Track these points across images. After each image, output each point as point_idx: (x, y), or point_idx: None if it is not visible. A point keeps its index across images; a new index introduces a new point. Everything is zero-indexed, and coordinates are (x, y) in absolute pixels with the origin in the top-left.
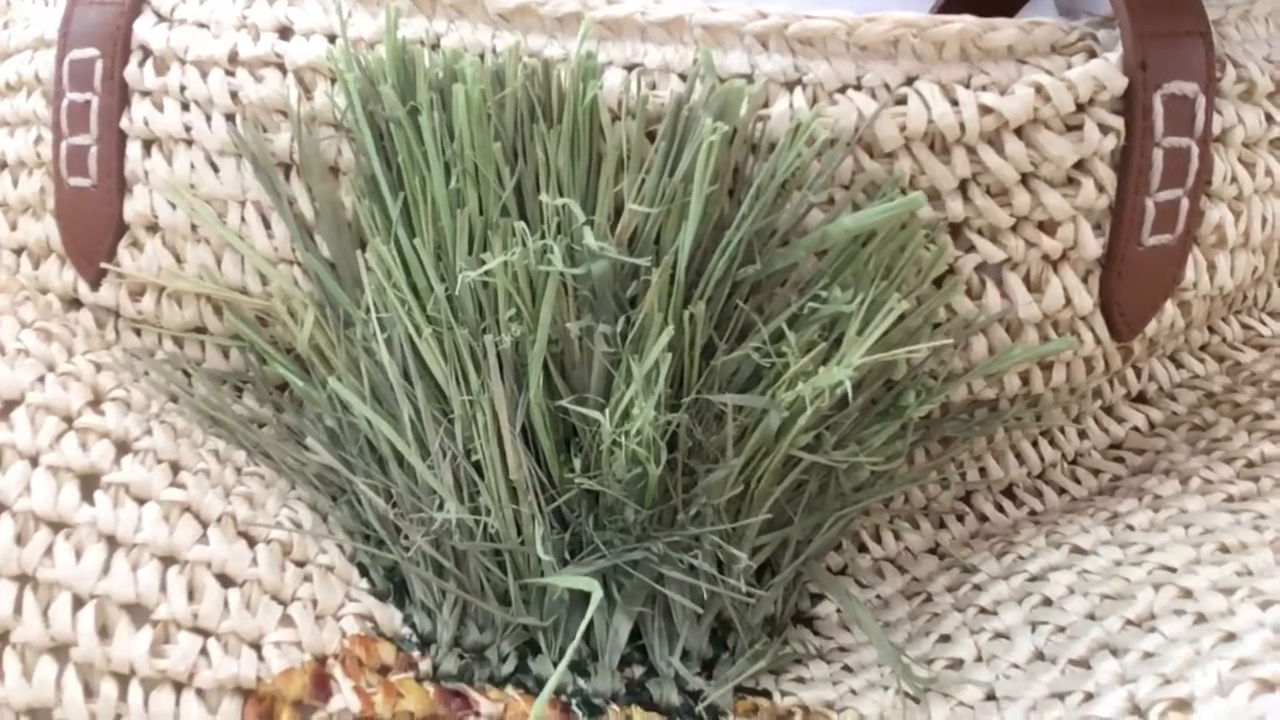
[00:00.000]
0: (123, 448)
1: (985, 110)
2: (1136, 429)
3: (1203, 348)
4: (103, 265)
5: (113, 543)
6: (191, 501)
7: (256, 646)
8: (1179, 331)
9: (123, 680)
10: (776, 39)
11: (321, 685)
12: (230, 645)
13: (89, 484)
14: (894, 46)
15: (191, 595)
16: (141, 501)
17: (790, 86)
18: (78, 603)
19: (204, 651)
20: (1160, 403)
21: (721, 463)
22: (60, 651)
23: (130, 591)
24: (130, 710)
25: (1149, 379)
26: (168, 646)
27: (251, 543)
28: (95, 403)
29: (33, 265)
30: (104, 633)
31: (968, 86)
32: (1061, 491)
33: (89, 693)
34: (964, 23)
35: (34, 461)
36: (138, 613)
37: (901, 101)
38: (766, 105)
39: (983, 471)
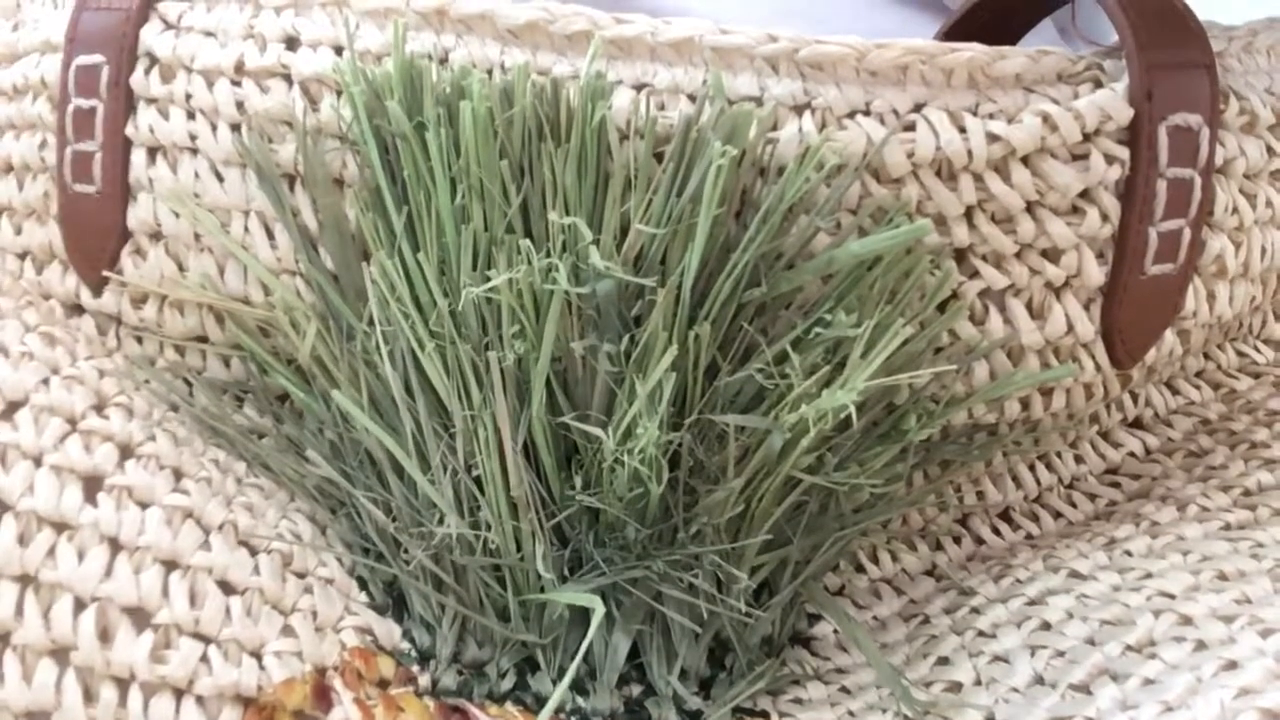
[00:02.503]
0: (126, 452)
1: (993, 138)
2: (1133, 455)
3: (1199, 374)
4: (105, 272)
5: (115, 545)
6: (194, 508)
7: (257, 655)
8: (1177, 359)
9: (123, 685)
10: (786, 63)
11: (323, 696)
12: (231, 653)
13: (92, 486)
14: (903, 73)
15: (193, 601)
16: (144, 505)
17: (799, 110)
18: (79, 605)
19: (205, 658)
20: (1156, 429)
21: (722, 482)
22: (61, 654)
23: (132, 595)
24: (130, 716)
25: (1145, 405)
26: (168, 652)
27: (253, 552)
28: (99, 407)
29: (35, 270)
30: (105, 636)
31: (975, 114)
32: (1058, 515)
33: (89, 697)
34: (973, 51)
35: (37, 462)
36: (139, 616)
37: (910, 128)
38: (775, 128)
39: (980, 494)
